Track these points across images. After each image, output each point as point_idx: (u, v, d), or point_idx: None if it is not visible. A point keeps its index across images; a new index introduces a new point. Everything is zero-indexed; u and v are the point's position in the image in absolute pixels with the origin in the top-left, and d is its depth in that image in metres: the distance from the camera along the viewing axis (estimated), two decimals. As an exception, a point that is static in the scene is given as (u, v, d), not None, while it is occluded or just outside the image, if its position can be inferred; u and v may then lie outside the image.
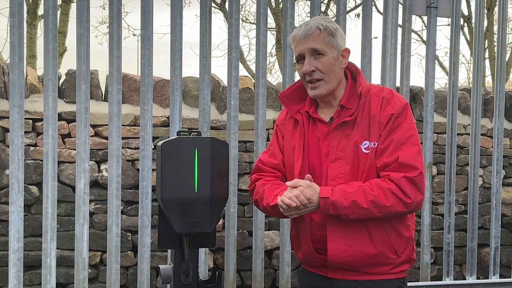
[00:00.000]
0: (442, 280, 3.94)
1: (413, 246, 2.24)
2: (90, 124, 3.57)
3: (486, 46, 10.77)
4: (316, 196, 2.05)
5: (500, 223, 4.10)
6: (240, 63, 7.02)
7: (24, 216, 3.50)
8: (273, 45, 11.65)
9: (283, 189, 2.15)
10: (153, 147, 3.41)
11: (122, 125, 4.10)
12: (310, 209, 2.07)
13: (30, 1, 8.99)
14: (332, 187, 2.08)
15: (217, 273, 2.11)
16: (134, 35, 13.62)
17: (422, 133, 3.70)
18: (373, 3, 5.81)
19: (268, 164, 2.32)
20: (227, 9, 4.13)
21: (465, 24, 12.00)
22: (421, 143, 2.72)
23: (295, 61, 2.26)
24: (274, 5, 11.08)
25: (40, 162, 4.12)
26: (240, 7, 4.02)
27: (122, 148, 4.22)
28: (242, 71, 11.53)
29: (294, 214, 2.09)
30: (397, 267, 2.18)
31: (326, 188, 2.08)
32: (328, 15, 10.90)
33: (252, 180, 2.34)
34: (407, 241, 2.20)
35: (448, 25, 6.69)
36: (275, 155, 2.32)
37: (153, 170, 3.39)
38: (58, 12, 7.56)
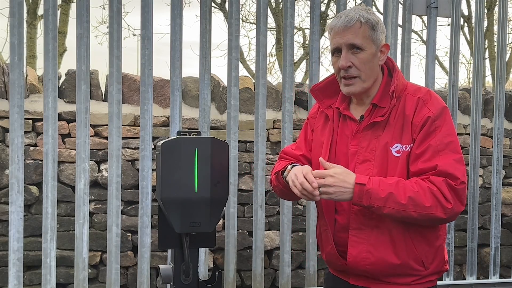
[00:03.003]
0: (442, 280, 3.94)
1: (443, 256, 2.07)
2: (90, 124, 3.57)
3: (486, 46, 10.77)
4: (351, 181, 1.90)
5: (500, 223, 4.10)
6: (240, 63, 7.02)
7: (24, 216, 3.50)
8: (273, 45, 11.65)
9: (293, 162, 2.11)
10: (153, 147, 3.41)
11: (122, 125, 4.10)
12: (335, 197, 1.92)
13: (30, 1, 8.99)
14: (369, 176, 1.93)
15: (217, 273, 2.11)
16: (134, 35, 13.64)
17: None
18: (373, 3, 5.81)
19: (290, 154, 2.25)
20: (227, 9, 4.13)
21: (465, 24, 11.99)
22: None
23: (330, 53, 2.10)
24: (274, 5, 11.08)
25: (40, 162, 4.12)
26: (240, 7, 4.02)
27: (122, 148, 4.22)
28: (242, 71, 11.53)
29: (306, 196, 1.94)
30: (423, 278, 2.03)
31: (362, 175, 1.93)
32: (328, 15, 10.90)
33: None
34: (437, 251, 2.04)
35: (448, 25, 6.69)
36: (299, 148, 2.25)
37: (153, 170, 3.39)
38: (58, 12, 7.56)
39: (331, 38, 2.03)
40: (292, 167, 2.06)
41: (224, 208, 2.10)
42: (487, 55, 11.11)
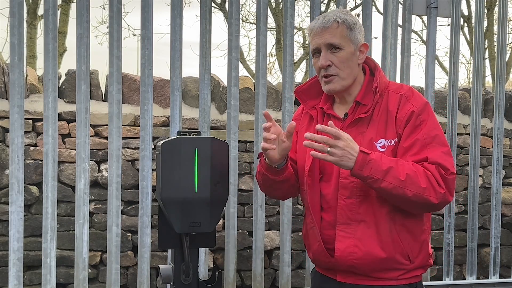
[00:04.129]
0: (442, 280, 3.94)
1: (428, 251, 2.12)
2: (90, 124, 3.56)
3: (486, 46, 10.77)
4: (356, 148, 1.92)
5: (500, 223, 4.10)
6: (240, 63, 7.02)
7: (24, 216, 3.49)
8: (273, 45, 11.67)
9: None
10: (153, 147, 3.41)
11: (122, 125, 4.10)
12: (340, 161, 1.91)
13: (30, 1, 9.00)
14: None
15: (217, 273, 2.11)
16: (134, 35, 13.64)
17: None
18: (373, 3, 5.81)
19: None
20: (227, 9, 4.13)
21: (465, 24, 12.00)
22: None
23: (311, 54, 2.16)
24: (274, 5, 11.09)
25: (40, 162, 4.12)
26: (240, 7, 4.02)
27: (122, 148, 4.22)
28: (242, 71, 11.54)
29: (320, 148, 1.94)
30: (409, 272, 2.07)
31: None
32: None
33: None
34: (422, 245, 2.09)
35: (448, 25, 6.70)
36: None
37: (153, 170, 3.39)
38: (58, 12, 7.56)
39: (311, 40, 2.10)
40: None
41: (224, 208, 2.10)
42: (487, 55, 11.12)
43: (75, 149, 3.64)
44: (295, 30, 10.62)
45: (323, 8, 10.83)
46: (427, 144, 1.99)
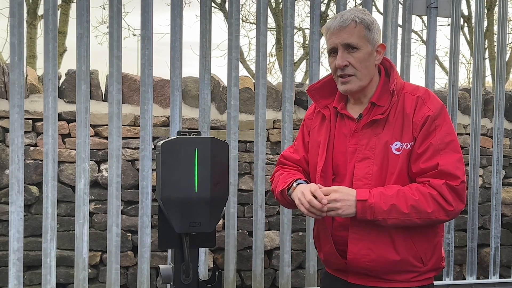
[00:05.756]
0: (442, 280, 3.94)
1: (441, 253, 2.10)
2: (90, 124, 3.57)
3: (486, 46, 10.76)
4: (353, 194, 1.93)
5: (500, 223, 4.10)
6: (240, 63, 7.02)
7: (24, 216, 3.50)
8: (273, 45, 11.65)
9: (295, 176, 2.11)
10: (153, 147, 3.41)
11: (122, 125, 4.10)
12: (342, 212, 1.95)
13: (30, 1, 8.99)
14: (369, 189, 1.95)
15: (217, 273, 2.11)
16: (134, 35, 13.60)
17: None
18: (373, 3, 5.81)
19: (290, 159, 2.26)
20: (227, 9, 4.14)
21: (465, 24, 11.99)
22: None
23: (327, 54, 2.11)
24: (274, 5, 11.08)
25: (40, 162, 4.12)
26: (240, 7, 4.02)
27: (122, 148, 4.22)
28: (242, 71, 11.52)
29: (315, 215, 1.97)
30: (422, 275, 2.05)
31: (363, 190, 1.95)
32: (328, 15, 10.90)
33: (274, 172, 2.29)
34: (435, 248, 2.07)
35: (448, 25, 6.69)
36: (297, 151, 2.25)
37: (153, 170, 3.40)
38: (58, 12, 7.57)
39: (327, 39, 2.06)
40: (297, 184, 2.07)
41: (224, 208, 2.10)
42: (487, 55, 11.11)
43: (75, 149, 3.64)
44: (295, 30, 10.63)
45: (323, 8, 10.82)
46: (440, 150, 1.96)
